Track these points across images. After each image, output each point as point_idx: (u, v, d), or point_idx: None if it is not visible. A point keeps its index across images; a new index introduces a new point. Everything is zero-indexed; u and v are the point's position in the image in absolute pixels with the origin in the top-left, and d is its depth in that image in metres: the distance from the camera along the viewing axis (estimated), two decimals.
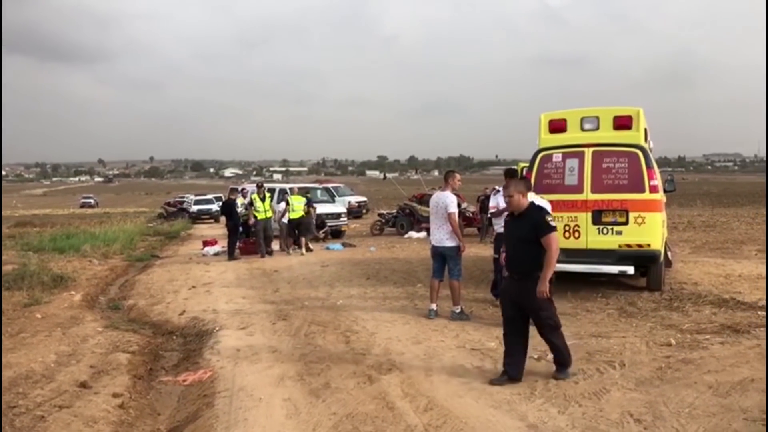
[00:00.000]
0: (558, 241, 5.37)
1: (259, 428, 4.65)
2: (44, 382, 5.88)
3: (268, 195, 17.12)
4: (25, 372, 6.14)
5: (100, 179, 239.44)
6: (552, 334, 5.47)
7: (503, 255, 7.33)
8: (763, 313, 7.60)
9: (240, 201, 19.61)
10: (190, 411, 5.32)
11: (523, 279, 5.40)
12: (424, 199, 21.21)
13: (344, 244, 18.08)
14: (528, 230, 5.35)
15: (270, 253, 16.24)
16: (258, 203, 16.51)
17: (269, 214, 16.64)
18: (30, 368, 6.27)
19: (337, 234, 21.10)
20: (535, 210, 5.52)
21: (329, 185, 32.65)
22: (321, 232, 19.82)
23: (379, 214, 24.35)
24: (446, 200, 8.06)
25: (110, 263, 15.82)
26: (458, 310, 8.09)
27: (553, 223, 5.38)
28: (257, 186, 17.88)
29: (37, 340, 7.49)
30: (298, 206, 16.76)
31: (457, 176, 8.44)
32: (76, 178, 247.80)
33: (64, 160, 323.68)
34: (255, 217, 16.28)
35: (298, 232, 16.81)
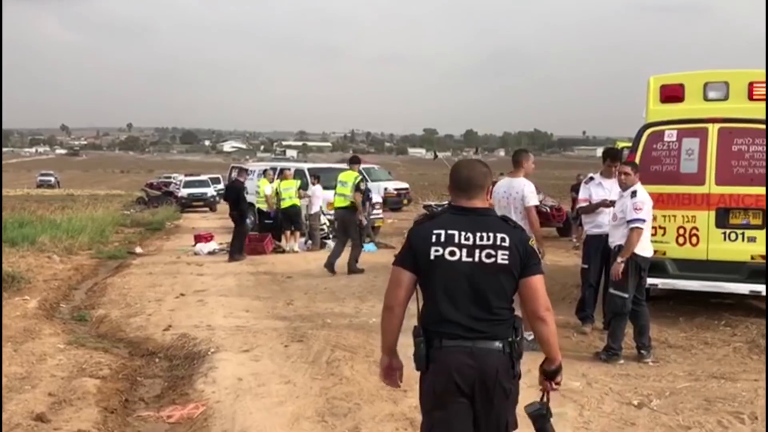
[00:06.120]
0: None
1: None
2: None
3: None
4: None
5: (63, 151, 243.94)
6: None
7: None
8: None
9: (263, 184, 19.30)
10: None
11: None
12: None
13: (378, 245, 18.09)
14: None
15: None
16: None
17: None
18: None
19: None
20: None
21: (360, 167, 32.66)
22: None
23: (425, 206, 24.29)
24: (522, 189, 7.89)
25: (75, 261, 16.14)
26: (530, 338, 8.01)
27: None
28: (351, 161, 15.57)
29: None
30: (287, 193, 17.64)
31: (531, 157, 8.36)
32: (33, 149, 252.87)
33: (17, 125, 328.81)
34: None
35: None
